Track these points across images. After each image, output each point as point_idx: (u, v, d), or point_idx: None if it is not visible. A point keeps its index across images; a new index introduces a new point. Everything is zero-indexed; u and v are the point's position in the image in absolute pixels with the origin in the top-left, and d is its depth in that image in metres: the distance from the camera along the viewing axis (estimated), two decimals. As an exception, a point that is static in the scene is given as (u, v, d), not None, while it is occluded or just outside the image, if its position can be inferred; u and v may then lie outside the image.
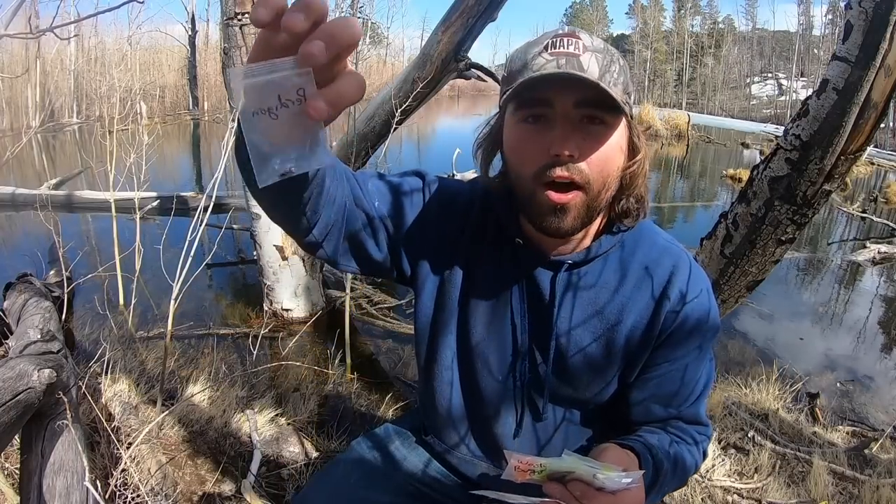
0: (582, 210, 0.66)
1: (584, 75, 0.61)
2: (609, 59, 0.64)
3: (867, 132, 1.35)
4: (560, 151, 0.63)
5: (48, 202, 4.18)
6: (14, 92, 10.86)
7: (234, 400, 2.04)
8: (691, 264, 0.76)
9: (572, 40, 0.63)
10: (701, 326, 0.75)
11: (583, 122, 0.64)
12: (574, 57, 0.62)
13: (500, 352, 0.79)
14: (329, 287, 3.36)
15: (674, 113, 16.17)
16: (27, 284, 2.72)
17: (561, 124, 0.64)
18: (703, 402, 0.81)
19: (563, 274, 0.74)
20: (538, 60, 0.63)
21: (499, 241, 0.78)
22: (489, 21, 3.33)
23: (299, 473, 1.71)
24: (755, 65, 32.46)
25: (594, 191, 0.66)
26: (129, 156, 3.09)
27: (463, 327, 0.80)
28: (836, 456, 1.98)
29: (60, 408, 1.35)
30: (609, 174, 0.66)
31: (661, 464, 0.71)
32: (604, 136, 0.65)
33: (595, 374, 0.77)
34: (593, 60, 0.62)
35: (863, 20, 1.26)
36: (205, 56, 16.10)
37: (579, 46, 0.62)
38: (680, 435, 0.79)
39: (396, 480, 0.88)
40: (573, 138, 0.63)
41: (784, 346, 3.29)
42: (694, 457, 0.79)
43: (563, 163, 0.64)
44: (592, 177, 0.65)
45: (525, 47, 0.66)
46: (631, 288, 0.74)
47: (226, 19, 2.56)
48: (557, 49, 0.62)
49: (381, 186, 0.77)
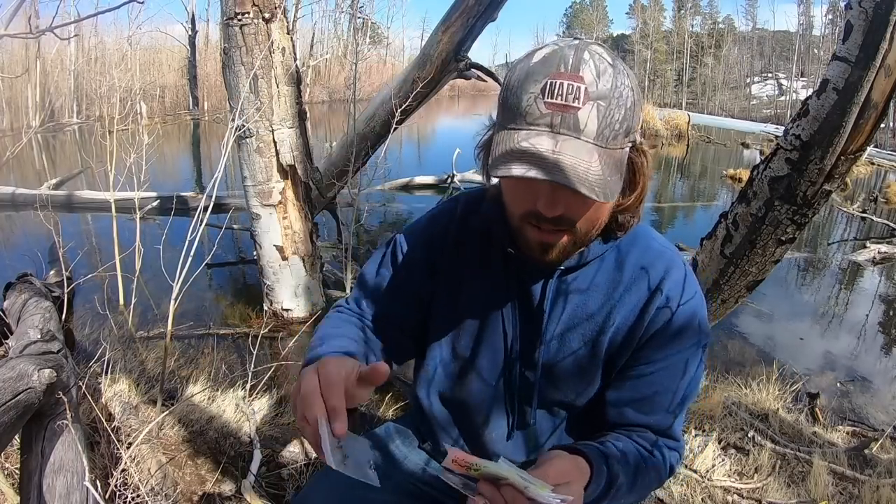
0: (568, 246, 0.68)
1: (577, 156, 0.57)
2: (614, 105, 0.58)
3: (867, 132, 1.35)
4: (545, 213, 0.62)
5: (48, 202, 4.18)
6: (14, 92, 10.87)
7: (234, 400, 2.04)
8: (686, 270, 0.75)
9: (574, 85, 0.57)
10: (686, 332, 0.73)
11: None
12: (571, 113, 0.57)
13: (492, 359, 0.80)
14: (329, 287, 3.36)
15: (674, 113, 16.17)
16: (27, 284, 2.72)
17: (551, 188, 0.61)
18: (680, 417, 0.77)
19: (554, 280, 0.74)
20: (533, 110, 0.58)
21: (487, 252, 0.78)
22: (489, 21, 3.33)
23: (299, 473, 1.71)
24: (755, 65, 32.46)
25: (581, 233, 0.67)
26: (129, 156, 3.10)
27: (454, 338, 0.82)
28: (836, 456, 1.98)
29: (60, 408, 1.35)
30: (598, 219, 0.67)
31: (616, 476, 0.66)
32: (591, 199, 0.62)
33: (583, 376, 0.77)
34: (594, 114, 0.57)
35: (863, 20, 1.26)
36: (205, 56, 16.10)
37: (580, 95, 0.57)
38: (648, 448, 0.74)
39: (397, 480, 0.88)
40: (560, 202, 0.62)
41: (784, 346, 3.29)
42: (658, 473, 0.74)
43: (548, 219, 0.63)
44: (579, 225, 0.65)
45: (525, 73, 0.60)
46: (622, 290, 0.74)
47: (226, 19, 2.56)
48: (555, 98, 0.57)
49: (373, 294, 0.85)
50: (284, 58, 2.65)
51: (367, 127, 3.58)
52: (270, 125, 2.67)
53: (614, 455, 0.68)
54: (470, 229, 0.80)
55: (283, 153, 2.73)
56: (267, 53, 2.56)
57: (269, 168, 2.76)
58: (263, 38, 2.55)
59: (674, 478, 1.76)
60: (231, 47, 2.57)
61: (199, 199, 2.43)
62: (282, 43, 2.63)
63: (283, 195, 2.83)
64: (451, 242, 0.80)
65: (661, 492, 1.70)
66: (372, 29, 28.57)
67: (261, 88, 2.61)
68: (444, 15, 3.34)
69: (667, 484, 1.73)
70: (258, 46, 2.54)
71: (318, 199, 3.21)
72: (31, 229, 4.58)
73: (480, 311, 0.79)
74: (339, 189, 3.70)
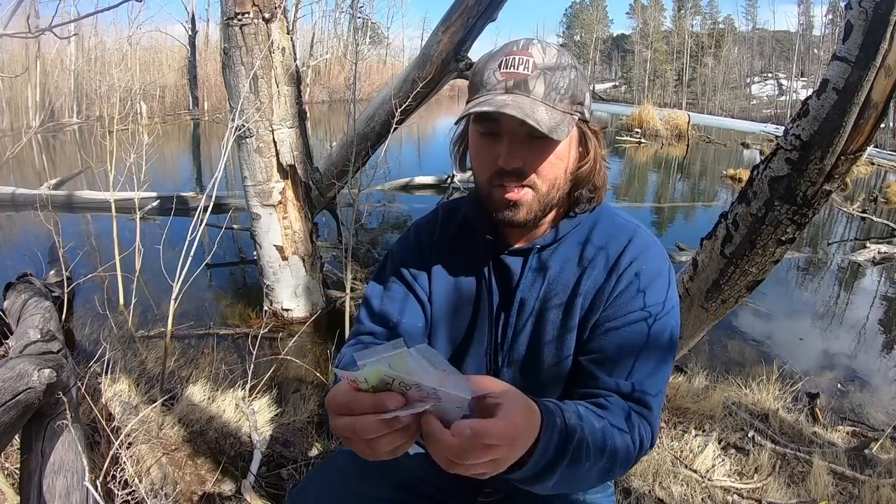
0: (533, 204, 0.74)
1: (518, 114, 0.66)
2: (558, 73, 0.70)
3: (867, 132, 1.35)
4: (506, 166, 0.72)
5: (48, 202, 4.18)
6: (14, 92, 10.87)
7: (233, 400, 2.04)
8: (648, 239, 0.79)
9: (523, 58, 0.70)
10: (651, 291, 0.75)
11: (528, 137, 0.71)
12: (522, 78, 0.69)
13: (480, 345, 0.84)
14: (329, 287, 3.36)
15: (674, 113, 16.18)
16: (27, 284, 2.72)
17: (508, 141, 0.71)
18: (652, 386, 0.73)
19: (532, 258, 0.80)
20: (491, 80, 0.71)
21: (469, 246, 0.85)
22: (489, 21, 3.33)
23: (299, 473, 1.71)
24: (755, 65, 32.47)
25: (542, 191, 0.74)
26: (129, 156, 3.10)
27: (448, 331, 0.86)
28: (836, 456, 1.98)
29: (60, 408, 1.35)
30: (556, 177, 0.74)
31: (573, 431, 0.60)
32: (547, 149, 0.72)
33: (560, 349, 0.79)
34: (541, 80, 0.69)
35: (863, 20, 1.26)
36: (205, 56, 16.10)
37: (529, 66, 0.69)
38: (613, 411, 0.69)
39: (394, 475, 0.88)
40: (518, 153, 0.71)
41: (784, 346, 3.29)
42: (626, 443, 0.67)
43: (511, 173, 0.72)
44: (539, 181, 0.73)
45: (486, 60, 0.74)
46: (590, 259, 0.79)
47: (226, 19, 2.56)
48: (508, 69, 0.70)
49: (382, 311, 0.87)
50: (284, 58, 2.65)
51: (367, 127, 3.58)
52: (270, 125, 2.67)
53: (572, 410, 0.63)
54: (452, 230, 0.88)
55: (283, 153, 2.73)
56: (267, 53, 2.56)
57: (269, 168, 2.76)
58: (263, 38, 2.55)
59: (674, 477, 1.76)
60: (231, 47, 2.57)
61: (199, 199, 2.43)
62: (282, 43, 2.63)
63: (283, 195, 2.83)
64: (437, 244, 0.87)
65: (661, 492, 1.70)
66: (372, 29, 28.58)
67: (261, 88, 2.61)
68: (444, 15, 3.34)
69: (667, 484, 1.73)
70: (258, 46, 2.54)
71: (318, 199, 3.21)
72: (31, 229, 4.58)
73: (468, 301, 0.85)
74: (339, 189, 3.70)
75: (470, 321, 0.85)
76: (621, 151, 12.27)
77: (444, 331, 0.87)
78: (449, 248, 0.87)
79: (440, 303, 0.86)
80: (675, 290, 0.79)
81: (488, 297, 0.83)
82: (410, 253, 0.89)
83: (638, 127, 14.67)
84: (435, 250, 0.87)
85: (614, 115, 19.71)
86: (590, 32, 39.51)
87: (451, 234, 0.88)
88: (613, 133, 14.53)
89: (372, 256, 4.27)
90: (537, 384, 0.81)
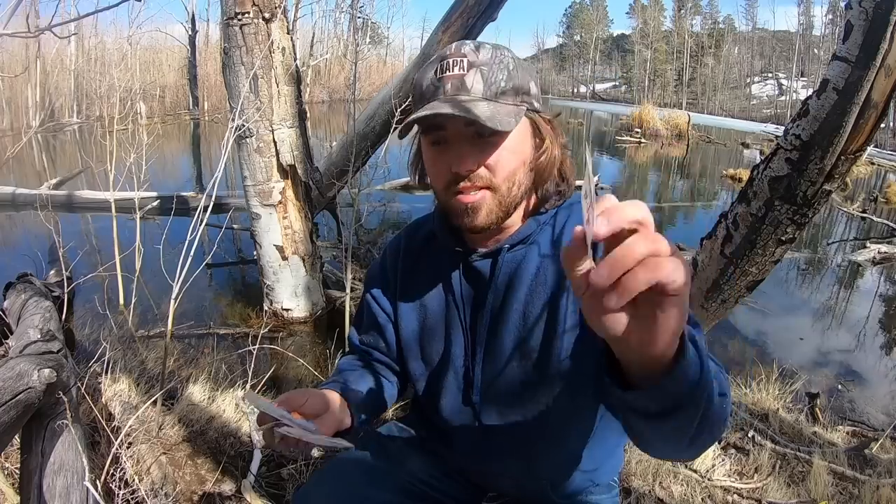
0: (493, 206, 0.72)
1: (455, 112, 0.65)
2: (496, 68, 0.70)
3: (867, 132, 1.35)
4: (459, 170, 0.70)
5: (48, 202, 4.18)
6: (14, 92, 10.87)
7: (233, 400, 2.04)
8: None
9: (457, 59, 0.69)
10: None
11: (476, 138, 0.70)
12: (458, 78, 0.69)
13: (459, 359, 0.82)
14: (329, 287, 3.36)
15: (674, 113, 16.18)
16: (27, 284, 2.72)
17: (457, 144, 0.71)
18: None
19: (501, 258, 0.77)
20: (429, 88, 0.71)
21: (435, 261, 0.84)
22: (489, 21, 3.33)
23: (299, 473, 1.71)
24: (755, 65, 32.47)
25: (502, 189, 0.72)
26: (129, 156, 3.10)
27: (424, 347, 0.86)
28: (836, 456, 1.98)
29: (60, 408, 1.35)
30: (513, 172, 0.72)
31: (705, 359, 0.47)
32: (496, 144, 0.70)
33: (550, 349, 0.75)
34: (478, 76, 0.69)
35: (863, 20, 1.26)
36: (205, 56, 16.11)
37: (463, 65, 0.69)
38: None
39: (398, 479, 0.88)
40: (469, 155, 0.70)
41: (784, 346, 3.29)
42: (725, 394, 0.54)
43: (464, 177, 0.70)
44: (496, 179, 0.71)
45: (423, 70, 0.73)
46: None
47: (226, 19, 2.56)
48: (444, 73, 0.69)
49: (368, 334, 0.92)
50: (284, 58, 2.65)
51: (367, 127, 3.58)
52: (270, 125, 2.67)
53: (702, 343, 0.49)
54: (416, 246, 0.88)
55: (283, 153, 2.73)
56: (267, 53, 2.56)
57: (269, 168, 2.76)
58: (263, 38, 2.55)
59: (674, 477, 1.76)
60: (231, 47, 2.57)
61: (199, 199, 2.43)
62: (282, 43, 2.63)
63: (283, 195, 2.83)
64: (402, 262, 0.88)
65: (662, 492, 1.70)
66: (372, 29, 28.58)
67: (261, 88, 2.61)
68: (444, 15, 3.34)
69: (667, 484, 1.73)
70: (258, 46, 2.54)
71: (318, 199, 3.21)
72: (31, 229, 4.58)
73: (439, 314, 0.83)
74: (339, 189, 3.71)
75: (445, 336, 0.83)
76: (621, 151, 12.27)
77: (418, 352, 0.86)
78: (414, 265, 0.87)
79: (410, 325, 0.86)
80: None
81: (460, 307, 0.81)
82: (377, 280, 0.91)
83: (638, 127, 14.68)
84: (399, 269, 0.87)
85: (614, 115, 19.71)
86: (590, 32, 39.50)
87: (415, 252, 0.87)
88: (613, 133, 14.52)
89: (372, 256, 4.27)
90: (528, 387, 0.78)
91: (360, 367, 0.91)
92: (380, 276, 0.91)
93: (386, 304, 0.89)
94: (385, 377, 0.91)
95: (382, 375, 0.91)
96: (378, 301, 0.90)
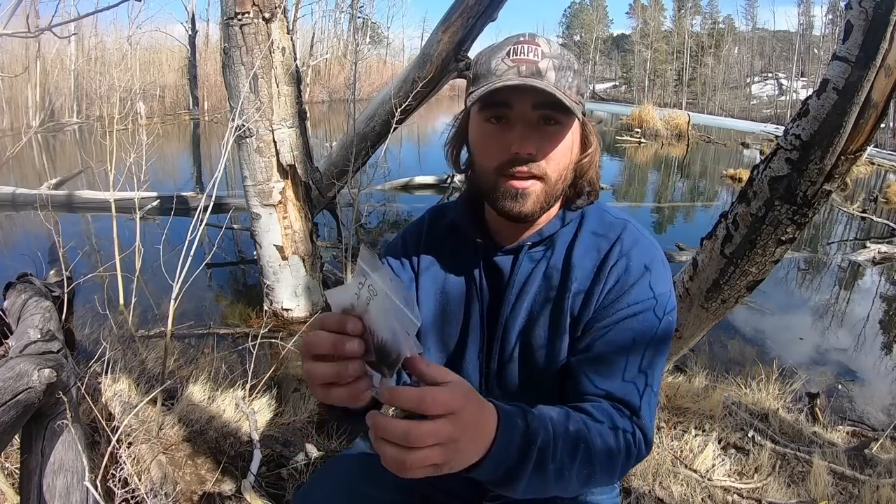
0: (541, 196, 0.73)
1: (541, 84, 0.67)
2: (565, 64, 0.70)
3: (867, 132, 1.35)
4: (520, 151, 0.70)
5: (48, 202, 4.18)
6: (14, 92, 10.86)
7: (233, 400, 2.04)
8: (637, 233, 0.78)
9: (532, 47, 0.70)
10: (638, 285, 0.73)
11: (539, 123, 0.71)
12: (533, 64, 0.69)
13: (474, 347, 0.83)
14: (329, 287, 3.36)
15: (674, 113, 16.17)
16: (27, 284, 2.72)
17: (521, 125, 0.70)
18: (644, 393, 0.71)
19: (522, 256, 0.79)
20: (501, 66, 0.70)
21: (457, 249, 0.84)
22: (489, 21, 3.33)
23: (299, 473, 1.71)
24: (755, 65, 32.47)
25: (551, 181, 0.73)
26: (129, 156, 3.09)
27: (439, 335, 0.85)
28: (836, 456, 1.98)
29: (60, 408, 1.35)
30: (564, 167, 0.74)
31: (535, 433, 0.58)
32: (559, 135, 0.72)
33: (551, 351, 0.77)
34: (550, 66, 0.69)
35: (863, 20, 1.26)
36: (205, 56, 16.10)
37: (538, 53, 0.69)
38: (594, 415, 0.67)
39: (400, 479, 0.87)
40: (532, 138, 0.70)
41: (784, 346, 3.29)
42: (606, 444, 0.65)
43: (523, 160, 0.71)
44: (549, 170, 0.72)
45: (489, 52, 0.73)
46: (578, 258, 0.77)
47: (226, 19, 2.56)
48: (518, 56, 0.69)
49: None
50: (284, 58, 2.65)
51: (367, 127, 3.58)
52: (270, 125, 2.67)
53: (540, 413, 0.61)
54: (439, 233, 0.86)
55: (283, 153, 2.73)
56: (267, 53, 2.56)
57: (269, 168, 2.76)
58: (263, 38, 2.55)
59: (674, 477, 1.76)
60: (231, 47, 2.57)
61: (199, 199, 2.43)
62: (282, 43, 2.63)
63: (283, 195, 2.83)
64: (423, 247, 0.86)
65: (662, 492, 1.70)
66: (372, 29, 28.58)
67: (261, 88, 2.61)
68: (444, 15, 3.34)
69: (667, 484, 1.73)
70: (258, 46, 2.54)
71: (318, 199, 3.21)
72: (31, 229, 4.59)
73: (459, 305, 0.83)
74: (339, 189, 3.70)
75: (462, 325, 0.83)
76: (621, 151, 12.27)
77: (435, 336, 0.85)
78: (436, 251, 0.86)
79: (429, 307, 0.85)
80: (668, 283, 0.76)
81: (479, 299, 0.81)
82: (396, 256, 0.88)
83: (638, 127, 14.67)
84: (421, 253, 0.86)
85: (614, 114, 19.71)
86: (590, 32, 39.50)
87: (438, 238, 0.86)
88: (614, 133, 14.52)
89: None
90: (533, 388, 0.79)
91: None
92: (401, 249, 0.88)
93: (405, 275, 0.86)
94: None
95: None
96: (396, 270, 0.87)
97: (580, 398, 0.72)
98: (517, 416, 0.58)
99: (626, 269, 0.74)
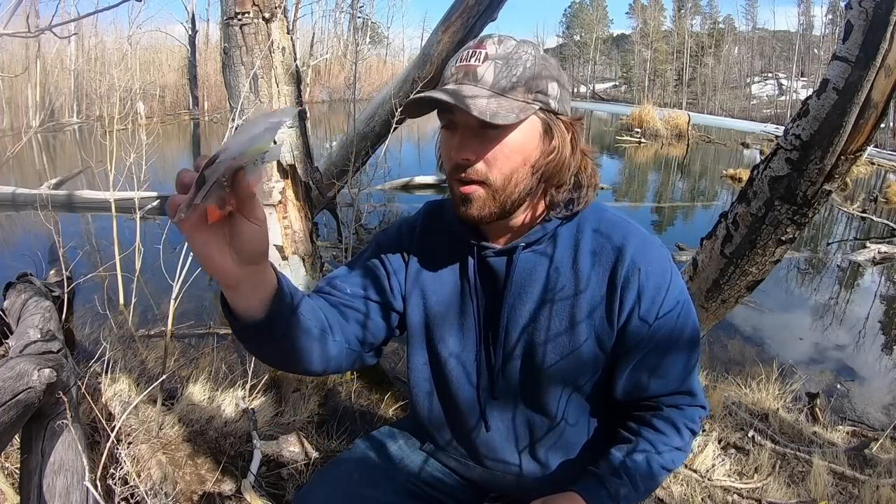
0: (487, 200, 0.72)
1: (444, 97, 0.67)
2: (511, 62, 0.69)
3: (867, 132, 1.35)
4: (457, 157, 0.71)
5: (48, 202, 4.18)
6: (14, 92, 10.87)
7: (233, 400, 2.04)
8: (644, 236, 0.77)
9: (478, 51, 0.70)
10: (665, 291, 0.75)
11: (480, 128, 0.70)
12: (472, 69, 0.69)
13: (470, 352, 0.82)
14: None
15: (674, 113, 16.17)
16: (27, 284, 2.72)
17: (461, 132, 0.71)
18: (694, 374, 0.81)
19: (517, 257, 0.77)
20: (447, 72, 0.72)
21: (452, 249, 0.83)
22: (489, 21, 3.33)
23: (299, 473, 1.71)
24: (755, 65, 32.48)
25: (496, 185, 0.71)
26: (128, 156, 3.09)
27: (432, 337, 0.84)
28: (836, 456, 1.98)
29: (60, 407, 1.35)
30: (512, 170, 0.71)
31: (617, 490, 0.76)
32: (498, 139, 0.70)
33: (561, 349, 0.77)
34: (490, 69, 0.69)
35: (863, 20, 1.26)
36: (205, 56, 16.11)
37: (481, 57, 0.69)
38: (658, 427, 0.81)
39: (398, 480, 0.88)
40: (470, 145, 0.71)
41: (784, 346, 3.29)
42: (673, 448, 0.81)
43: (463, 166, 0.71)
44: (491, 175, 0.71)
45: (456, 54, 0.74)
46: (584, 259, 0.76)
47: (226, 19, 2.56)
48: (461, 63, 0.71)
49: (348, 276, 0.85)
50: (284, 58, 2.65)
51: (367, 127, 3.58)
52: (270, 125, 2.67)
53: (614, 467, 0.78)
54: (434, 232, 0.85)
55: (283, 153, 2.73)
56: (267, 53, 2.56)
57: (269, 168, 2.76)
58: (263, 38, 2.55)
59: (674, 477, 1.76)
60: (231, 47, 2.57)
61: (199, 199, 2.43)
62: (282, 43, 2.63)
63: (283, 195, 2.82)
64: (418, 239, 0.86)
65: (661, 491, 1.70)
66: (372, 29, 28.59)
67: (261, 88, 2.61)
68: (444, 15, 3.34)
69: (667, 484, 1.73)
70: (258, 46, 2.54)
71: (318, 199, 3.21)
72: (31, 229, 4.58)
73: (452, 306, 0.83)
74: (339, 189, 3.70)
75: (458, 325, 0.83)
76: (621, 151, 12.28)
77: (428, 335, 0.85)
78: (430, 249, 0.85)
79: (421, 307, 0.84)
80: (681, 279, 0.79)
81: (474, 300, 0.81)
82: (391, 244, 0.86)
83: (638, 127, 14.67)
84: (415, 246, 0.85)
85: (614, 114, 19.71)
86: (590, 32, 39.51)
87: (432, 236, 0.85)
88: (614, 133, 14.52)
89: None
90: (538, 385, 0.79)
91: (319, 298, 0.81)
92: (395, 237, 0.87)
93: (399, 266, 0.85)
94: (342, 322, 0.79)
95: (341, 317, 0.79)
96: (390, 260, 0.85)
97: (638, 404, 0.82)
98: (598, 488, 0.76)
99: (646, 277, 0.74)
